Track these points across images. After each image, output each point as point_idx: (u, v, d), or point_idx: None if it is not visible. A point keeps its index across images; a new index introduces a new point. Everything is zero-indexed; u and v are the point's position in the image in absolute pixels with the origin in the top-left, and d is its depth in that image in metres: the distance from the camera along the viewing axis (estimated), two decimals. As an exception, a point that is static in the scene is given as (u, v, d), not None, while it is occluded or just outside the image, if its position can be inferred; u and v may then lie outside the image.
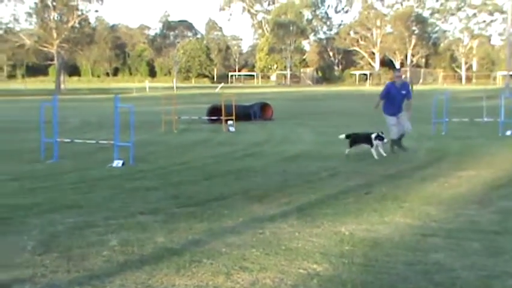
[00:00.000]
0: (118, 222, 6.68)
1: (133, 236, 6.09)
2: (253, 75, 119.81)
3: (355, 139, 12.49)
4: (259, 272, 5.00)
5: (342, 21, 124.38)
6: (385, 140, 12.28)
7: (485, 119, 20.26)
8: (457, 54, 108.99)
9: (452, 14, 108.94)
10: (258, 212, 7.26)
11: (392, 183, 9.27)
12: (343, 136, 12.68)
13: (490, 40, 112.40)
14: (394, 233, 6.23)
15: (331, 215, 7.08)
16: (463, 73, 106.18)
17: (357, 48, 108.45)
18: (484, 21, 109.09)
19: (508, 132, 17.40)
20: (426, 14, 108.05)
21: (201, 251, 5.58)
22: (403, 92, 13.31)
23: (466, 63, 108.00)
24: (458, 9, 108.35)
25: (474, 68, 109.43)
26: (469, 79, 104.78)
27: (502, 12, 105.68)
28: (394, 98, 13.26)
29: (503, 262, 5.26)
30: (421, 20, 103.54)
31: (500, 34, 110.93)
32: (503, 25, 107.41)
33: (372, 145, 12.18)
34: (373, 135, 12.20)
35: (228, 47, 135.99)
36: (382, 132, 12.26)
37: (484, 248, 5.70)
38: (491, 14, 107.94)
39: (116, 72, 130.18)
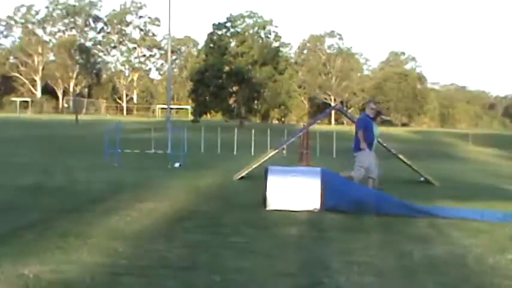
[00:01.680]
0: None
1: None
2: None
3: None
4: None
5: (0, 45, 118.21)
6: None
7: (155, 151, 20.73)
8: (119, 85, 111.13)
9: (114, 47, 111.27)
10: None
11: (73, 218, 8.71)
12: None
13: (149, 74, 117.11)
14: (84, 274, 5.73)
15: (10, 255, 6.31)
16: (125, 104, 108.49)
17: (17, 74, 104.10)
18: (144, 56, 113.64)
19: (177, 164, 17.97)
20: (89, 44, 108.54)
21: None
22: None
23: (127, 95, 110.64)
24: (120, 42, 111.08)
25: (135, 100, 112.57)
26: (130, 110, 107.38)
27: (160, 48, 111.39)
28: (371, 132, 12.71)
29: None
30: (84, 50, 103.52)
31: (158, 69, 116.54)
32: (161, 60, 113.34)
33: None
34: None
35: None
36: None
37: (178, 284, 5.52)
38: (150, 49, 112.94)
39: None
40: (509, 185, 16.03)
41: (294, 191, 10.06)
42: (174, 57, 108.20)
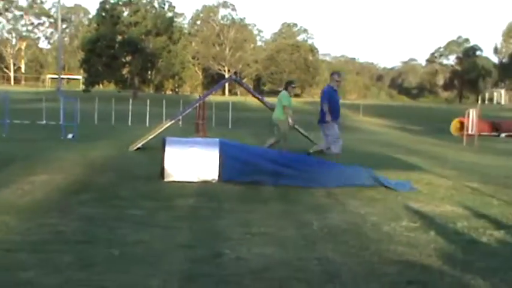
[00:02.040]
0: None
1: None
2: None
3: None
4: None
5: None
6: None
7: (46, 122, 20.05)
8: (6, 54, 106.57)
9: (0, 14, 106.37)
10: None
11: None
12: None
13: (38, 43, 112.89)
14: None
15: None
16: (12, 74, 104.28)
17: None
18: (32, 24, 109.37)
19: (70, 136, 17.46)
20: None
21: None
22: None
23: (14, 64, 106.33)
24: (6, 9, 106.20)
25: (23, 70, 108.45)
26: (18, 80, 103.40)
27: (49, 16, 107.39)
28: (337, 103, 12.61)
29: (97, 274, 4.95)
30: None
31: (47, 38, 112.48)
32: (51, 29, 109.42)
33: None
34: None
35: None
36: None
37: (76, 260, 5.31)
38: (38, 17, 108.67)
39: None
40: (399, 154, 16.60)
41: (192, 162, 9.97)
42: (64, 26, 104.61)
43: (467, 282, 4.86)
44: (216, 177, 9.91)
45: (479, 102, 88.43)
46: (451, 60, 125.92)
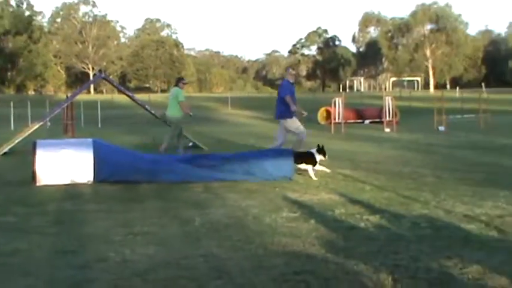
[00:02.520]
0: None
1: None
2: None
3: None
4: None
5: None
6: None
7: None
8: None
9: None
10: None
11: None
12: None
13: None
14: None
15: None
16: None
17: None
18: None
19: None
20: None
21: None
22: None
23: None
24: None
25: None
26: None
27: None
28: (294, 96, 12.07)
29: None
30: None
31: None
32: None
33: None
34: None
35: None
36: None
37: None
38: None
39: None
40: (269, 144, 16.87)
41: (66, 165, 9.67)
42: None
43: (350, 268, 5.00)
44: (92, 179, 9.66)
45: (341, 90, 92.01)
46: (313, 50, 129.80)
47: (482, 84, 60.80)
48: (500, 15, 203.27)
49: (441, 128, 23.52)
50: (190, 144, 15.82)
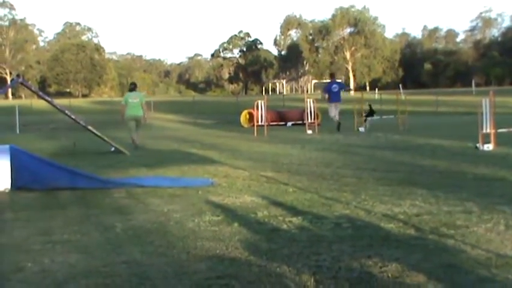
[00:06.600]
0: None
1: None
2: None
3: None
4: None
5: None
6: None
7: None
8: None
9: None
10: None
11: None
12: None
13: None
14: None
15: None
16: None
17: None
18: None
19: None
20: None
21: None
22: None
23: None
24: None
25: None
26: None
27: None
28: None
29: None
30: None
31: None
32: None
33: None
34: None
35: None
36: None
37: None
38: None
39: None
40: (194, 148, 16.84)
41: (-20, 173, 9.33)
42: None
43: (273, 270, 5.02)
44: (9, 186, 9.37)
45: (264, 93, 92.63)
46: (236, 53, 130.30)
47: (400, 86, 62.34)
48: (415, 19, 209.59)
49: (361, 129, 23.98)
50: (112, 149, 15.59)
